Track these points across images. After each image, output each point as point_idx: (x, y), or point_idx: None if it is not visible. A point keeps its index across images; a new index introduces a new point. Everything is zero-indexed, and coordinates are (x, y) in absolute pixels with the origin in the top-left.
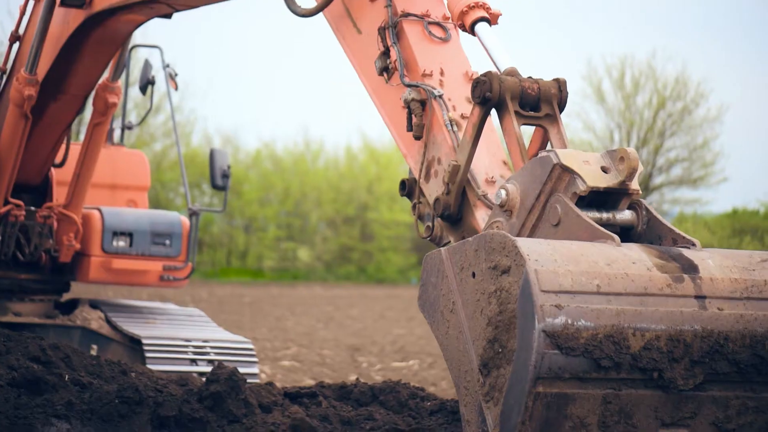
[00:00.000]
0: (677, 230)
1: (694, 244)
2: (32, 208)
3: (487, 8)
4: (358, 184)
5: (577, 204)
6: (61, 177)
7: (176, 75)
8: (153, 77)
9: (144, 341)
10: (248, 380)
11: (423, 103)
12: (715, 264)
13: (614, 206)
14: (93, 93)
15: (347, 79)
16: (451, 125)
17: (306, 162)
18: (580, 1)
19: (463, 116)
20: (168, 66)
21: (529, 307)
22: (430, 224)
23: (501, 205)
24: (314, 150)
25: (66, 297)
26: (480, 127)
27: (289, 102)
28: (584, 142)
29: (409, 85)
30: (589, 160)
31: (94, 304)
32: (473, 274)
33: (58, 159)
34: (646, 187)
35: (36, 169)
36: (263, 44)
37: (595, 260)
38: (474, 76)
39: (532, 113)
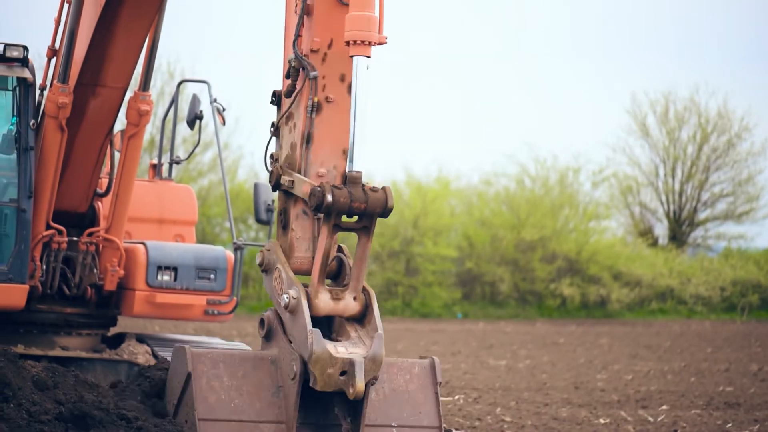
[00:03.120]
0: None
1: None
2: (75, 238)
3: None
4: (403, 219)
5: None
6: (106, 211)
7: (224, 110)
8: (201, 112)
9: None
10: None
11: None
12: None
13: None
14: (126, 106)
15: (391, 114)
16: (312, 110)
17: None
18: (625, 37)
19: (328, 99)
20: (215, 101)
21: None
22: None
23: (285, 306)
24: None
25: (113, 331)
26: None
27: None
28: (629, 176)
29: (296, 55)
30: (335, 365)
31: (141, 339)
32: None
33: (101, 187)
34: (692, 222)
35: (81, 191)
36: None
37: None
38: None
39: (352, 222)
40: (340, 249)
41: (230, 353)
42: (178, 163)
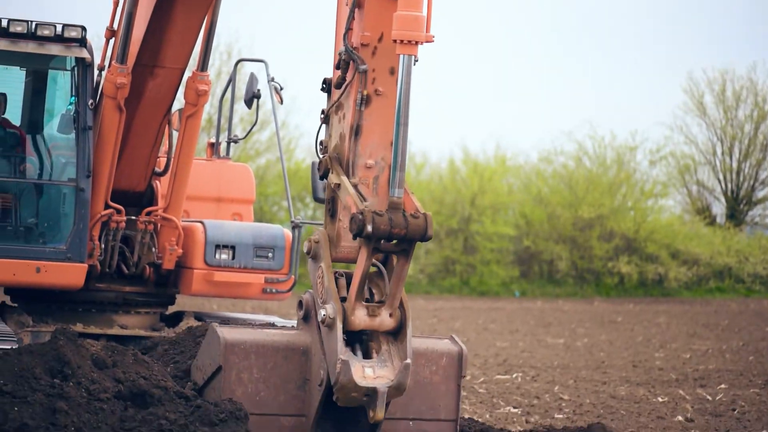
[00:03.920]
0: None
1: None
2: (133, 218)
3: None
4: (461, 197)
5: None
6: (164, 190)
7: (281, 89)
8: (258, 91)
9: None
10: None
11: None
12: None
13: None
14: (184, 85)
15: (448, 91)
16: (361, 102)
17: (409, 175)
18: (682, 15)
19: (377, 91)
20: (273, 79)
21: None
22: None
23: (322, 321)
24: (418, 163)
25: (171, 310)
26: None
27: None
28: (686, 155)
29: (345, 48)
30: (360, 390)
31: (199, 317)
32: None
33: (160, 166)
34: (749, 201)
35: (140, 171)
36: None
37: None
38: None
39: (391, 245)
40: (386, 256)
41: (263, 343)
42: (235, 142)
